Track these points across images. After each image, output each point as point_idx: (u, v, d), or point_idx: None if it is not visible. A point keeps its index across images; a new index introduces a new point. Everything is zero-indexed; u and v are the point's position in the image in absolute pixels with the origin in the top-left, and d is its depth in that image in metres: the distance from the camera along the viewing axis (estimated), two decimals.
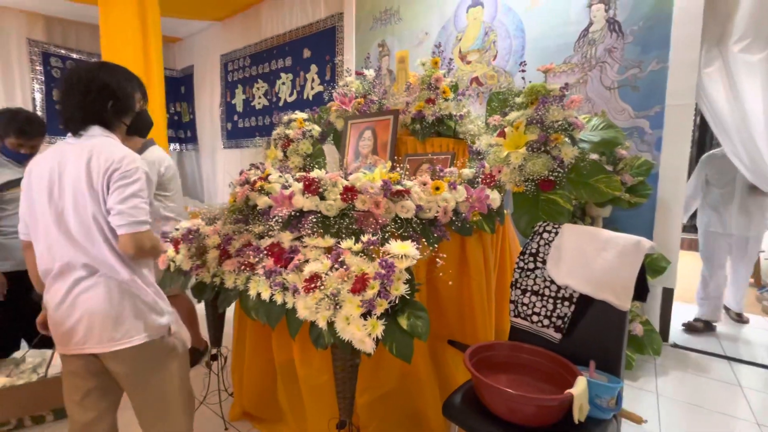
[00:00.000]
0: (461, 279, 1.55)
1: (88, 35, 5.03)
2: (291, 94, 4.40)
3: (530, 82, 1.66)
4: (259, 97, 4.77)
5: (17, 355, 1.90)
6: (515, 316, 1.42)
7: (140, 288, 1.12)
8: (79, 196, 1.04)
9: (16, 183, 1.81)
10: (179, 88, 5.90)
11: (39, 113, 4.79)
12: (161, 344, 1.17)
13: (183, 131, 5.94)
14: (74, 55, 4.99)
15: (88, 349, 1.08)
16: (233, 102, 5.13)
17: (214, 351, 1.77)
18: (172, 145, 5.76)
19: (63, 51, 4.92)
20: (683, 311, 2.91)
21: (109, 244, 1.07)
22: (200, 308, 1.69)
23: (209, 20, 5.07)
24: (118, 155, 1.05)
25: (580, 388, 1.04)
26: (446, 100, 1.96)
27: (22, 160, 1.87)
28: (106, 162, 1.04)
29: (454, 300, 1.57)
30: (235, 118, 5.11)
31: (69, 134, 1.11)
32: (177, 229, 1.67)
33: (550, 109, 1.51)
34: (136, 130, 1.23)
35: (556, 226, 1.45)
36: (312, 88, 4.15)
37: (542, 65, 1.70)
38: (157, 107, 3.61)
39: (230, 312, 1.64)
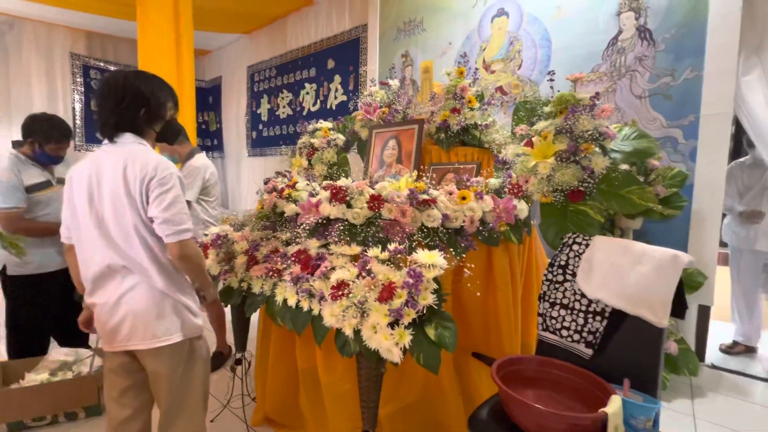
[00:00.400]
0: (487, 290, 1.52)
1: (125, 49, 5.31)
2: (315, 104, 4.49)
3: (558, 91, 1.64)
4: (284, 107, 4.88)
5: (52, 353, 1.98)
6: (543, 330, 1.38)
7: (176, 291, 1.16)
8: (117, 203, 1.09)
9: (42, 185, 1.89)
10: (207, 98, 6.12)
11: (78, 122, 5.06)
12: (194, 344, 1.23)
13: (210, 140, 6.14)
14: (112, 67, 5.26)
15: (131, 345, 1.14)
16: (258, 111, 5.27)
17: (238, 355, 1.80)
18: None
19: (102, 63, 5.20)
20: (721, 330, 2.76)
21: (148, 250, 1.12)
22: (226, 312, 1.72)
23: (238, 33, 5.26)
24: (152, 163, 1.09)
25: (615, 407, 1.00)
26: (472, 109, 1.95)
27: (47, 163, 1.95)
28: (142, 171, 1.08)
29: (479, 311, 1.54)
30: (260, 126, 5.25)
31: (105, 141, 1.16)
32: (206, 235, 1.72)
33: (580, 119, 1.49)
34: (164, 137, 1.28)
35: (587, 237, 1.41)
36: (335, 98, 4.22)
37: (570, 74, 1.68)
38: (187, 116, 3.76)
39: (255, 317, 1.67)
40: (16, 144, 1.96)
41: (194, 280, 1.24)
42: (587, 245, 1.38)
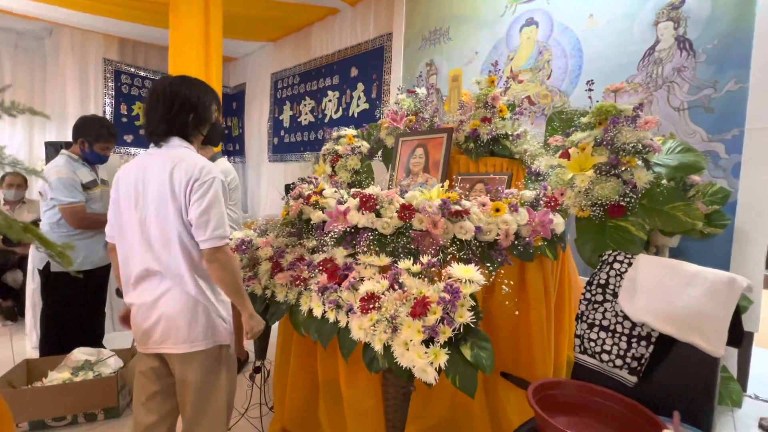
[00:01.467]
0: (519, 307, 1.45)
1: (155, 55, 5.47)
2: (337, 111, 4.51)
3: (597, 101, 1.58)
4: (306, 114, 4.92)
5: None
6: (581, 353, 1.30)
7: (209, 298, 1.15)
8: (161, 205, 1.09)
9: (91, 184, 1.99)
10: (231, 104, 6.24)
11: None
12: (223, 352, 1.22)
13: (232, 144, 6.24)
14: (142, 73, 5.43)
15: (164, 348, 1.14)
16: (281, 118, 5.33)
17: (258, 363, 1.76)
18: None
19: (132, 69, 5.36)
20: (764, 358, 2.59)
21: (186, 254, 1.11)
22: None
23: (263, 41, 5.36)
24: (198, 166, 1.09)
25: None
26: (503, 119, 1.90)
27: (95, 162, 2.05)
28: (187, 173, 1.08)
29: (510, 329, 1.47)
30: (282, 133, 5.30)
31: (151, 145, 1.17)
32: (230, 239, 1.70)
33: (623, 131, 1.42)
34: (211, 140, 1.30)
35: (629, 256, 1.33)
36: (358, 106, 4.23)
37: (603, 85, 1.61)
38: None
39: (275, 325, 1.64)
40: (65, 145, 2.06)
41: (228, 295, 1.18)
42: (630, 264, 1.30)
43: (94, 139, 1.94)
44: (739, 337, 1.10)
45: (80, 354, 1.94)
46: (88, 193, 1.95)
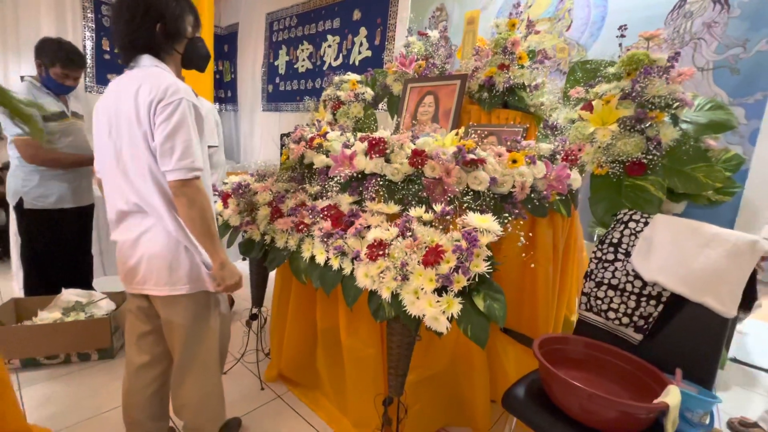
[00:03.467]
0: (526, 264, 1.42)
1: None
2: (336, 58, 4.23)
3: (627, 48, 1.46)
4: (303, 60, 4.63)
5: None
6: (587, 310, 1.29)
7: (192, 239, 1.05)
8: (132, 134, 0.98)
9: (57, 116, 1.78)
10: (223, 46, 5.82)
11: (89, 62, 4.84)
12: (211, 297, 1.15)
13: (223, 91, 5.91)
14: None
15: (147, 290, 1.07)
16: (276, 63, 5.01)
17: (254, 310, 1.74)
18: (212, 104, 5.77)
19: None
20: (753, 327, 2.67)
21: (160, 188, 1.01)
22: (243, 266, 1.64)
23: None
24: (163, 85, 0.95)
25: (675, 398, 0.91)
26: (521, 67, 1.77)
27: (62, 92, 1.83)
28: (150, 93, 0.94)
29: (515, 285, 1.44)
30: (277, 80, 5.01)
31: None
32: (226, 183, 1.61)
33: (653, 82, 1.32)
34: (191, 61, 1.12)
35: (645, 215, 1.28)
36: (360, 53, 3.97)
37: (643, 31, 1.48)
38: None
39: (272, 272, 1.59)
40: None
41: (196, 237, 1.03)
42: (646, 223, 1.26)
43: (50, 62, 1.72)
44: (751, 300, 1.08)
45: (70, 295, 1.89)
46: (49, 125, 1.74)
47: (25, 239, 1.85)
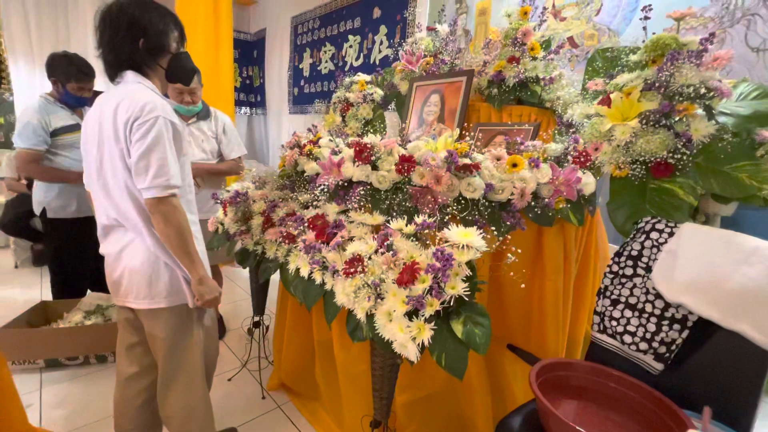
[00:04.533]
0: (533, 277, 1.29)
1: None
2: (357, 58, 4.19)
3: (653, 33, 1.27)
4: (326, 61, 4.64)
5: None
6: (600, 332, 1.14)
7: (171, 254, 1.05)
8: (110, 149, 1.00)
9: (69, 128, 1.87)
10: (252, 52, 5.99)
11: None
12: (191, 310, 1.13)
13: (254, 95, 6.08)
14: None
15: (129, 303, 1.09)
16: (300, 66, 5.07)
17: (256, 319, 1.74)
18: (243, 109, 5.95)
19: None
20: None
21: (137, 204, 1.02)
22: (245, 273, 1.63)
23: None
24: (140, 103, 0.95)
25: None
26: (534, 59, 1.61)
27: (76, 105, 1.92)
28: (128, 110, 0.95)
29: (522, 300, 1.32)
30: (302, 83, 5.06)
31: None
32: (228, 191, 1.61)
33: (682, 69, 1.13)
34: (175, 76, 1.12)
35: (671, 224, 1.11)
36: (380, 51, 3.90)
37: (673, 11, 1.29)
38: (226, 68, 3.65)
39: (275, 277, 1.57)
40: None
41: (174, 254, 1.03)
42: (671, 234, 1.09)
43: (65, 79, 1.81)
44: None
45: (93, 298, 2.00)
46: (61, 138, 1.83)
47: (50, 247, 1.98)
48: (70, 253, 1.97)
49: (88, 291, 2.06)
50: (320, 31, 4.69)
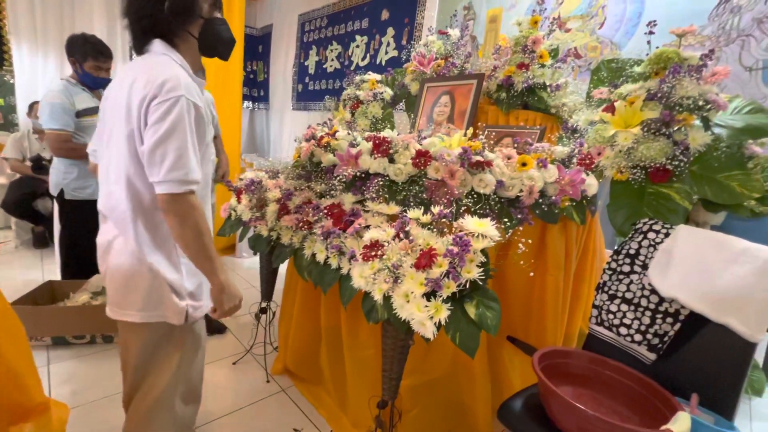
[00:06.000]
0: (535, 272, 1.35)
1: None
2: (364, 58, 4.26)
3: (656, 47, 1.36)
4: (332, 60, 4.69)
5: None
6: (597, 324, 1.21)
7: (159, 259, 0.91)
8: (119, 129, 0.86)
9: (91, 111, 1.90)
10: (257, 46, 6.02)
11: None
12: (171, 330, 0.97)
13: (257, 90, 6.11)
14: None
15: (108, 304, 0.96)
16: (306, 63, 5.12)
17: (263, 305, 1.78)
18: (245, 103, 5.97)
19: None
20: None
21: (133, 196, 0.88)
22: (255, 261, 1.68)
23: None
24: (160, 79, 0.80)
25: (683, 426, 0.83)
26: (542, 66, 1.69)
27: (94, 87, 1.94)
28: (145, 87, 0.81)
29: (523, 293, 1.39)
30: (307, 80, 5.11)
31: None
32: (241, 179, 1.65)
33: (683, 82, 1.22)
34: (210, 47, 0.95)
35: (667, 226, 1.19)
36: (386, 53, 3.97)
37: (675, 28, 1.37)
38: (235, 63, 3.68)
39: (282, 267, 1.62)
40: None
41: (191, 259, 0.90)
42: (667, 234, 1.17)
43: (82, 58, 1.83)
44: None
45: (99, 280, 2.02)
46: (84, 120, 1.86)
47: (64, 227, 2.00)
48: (83, 233, 1.99)
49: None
50: (327, 30, 4.74)
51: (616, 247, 1.28)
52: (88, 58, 1.84)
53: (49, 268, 2.81)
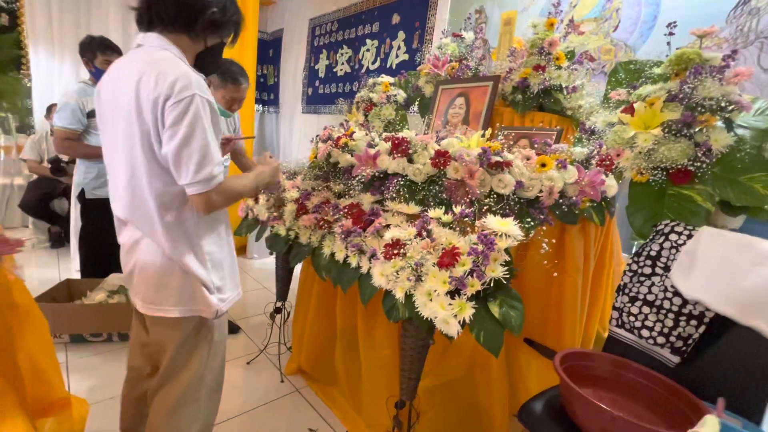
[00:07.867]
0: (553, 273, 1.35)
1: None
2: (374, 62, 4.28)
3: (676, 48, 1.35)
4: (342, 64, 4.72)
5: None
6: (618, 326, 1.20)
7: (189, 260, 0.92)
8: (130, 130, 0.84)
9: None
10: (268, 51, 6.09)
11: None
12: (202, 325, 1.00)
13: (267, 93, 6.17)
14: None
15: (137, 303, 0.98)
16: (316, 67, 5.16)
17: (278, 304, 1.79)
18: (255, 106, 6.03)
19: None
20: None
21: (157, 198, 0.87)
22: (265, 262, 1.69)
23: None
24: (170, 77, 0.79)
25: (711, 429, 0.82)
26: (559, 68, 1.69)
27: None
28: (156, 87, 0.79)
29: (541, 295, 1.38)
30: (317, 83, 5.15)
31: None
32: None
33: (705, 83, 1.21)
34: (205, 63, 0.96)
35: (689, 227, 1.18)
36: (397, 57, 3.99)
37: (696, 28, 1.37)
38: (248, 69, 3.73)
39: (297, 268, 1.63)
40: None
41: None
42: (690, 236, 1.16)
43: (92, 55, 1.89)
44: None
45: (115, 279, 2.04)
46: (91, 120, 1.92)
47: (85, 227, 2.04)
48: (102, 232, 2.02)
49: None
50: (338, 34, 4.79)
51: (635, 249, 1.27)
52: (97, 54, 1.90)
53: (65, 266, 2.85)
